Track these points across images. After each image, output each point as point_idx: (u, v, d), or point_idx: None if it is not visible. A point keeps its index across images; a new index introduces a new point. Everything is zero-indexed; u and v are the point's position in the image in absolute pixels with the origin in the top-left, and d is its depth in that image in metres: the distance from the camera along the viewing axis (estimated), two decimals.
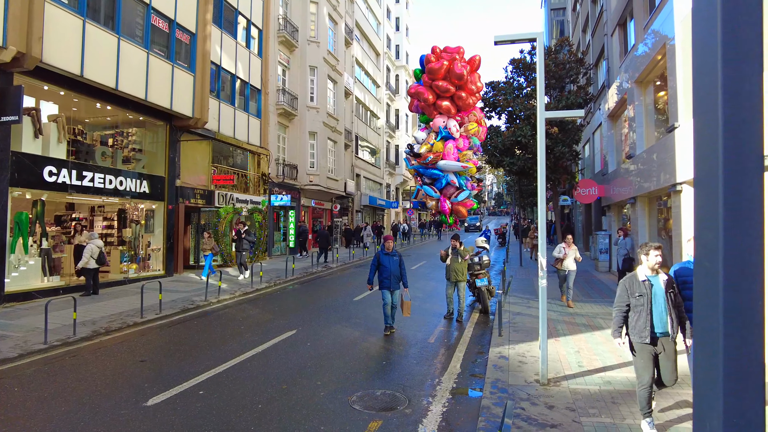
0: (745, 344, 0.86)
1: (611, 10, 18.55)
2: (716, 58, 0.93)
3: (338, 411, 5.48)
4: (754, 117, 0.88)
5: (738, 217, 0.84)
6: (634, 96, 14.46)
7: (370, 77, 39.53)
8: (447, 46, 8.31)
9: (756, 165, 0.86)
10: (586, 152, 25.93)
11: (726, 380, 0.88)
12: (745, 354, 0.84)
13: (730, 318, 0.86)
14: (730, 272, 0.85)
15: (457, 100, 8.39)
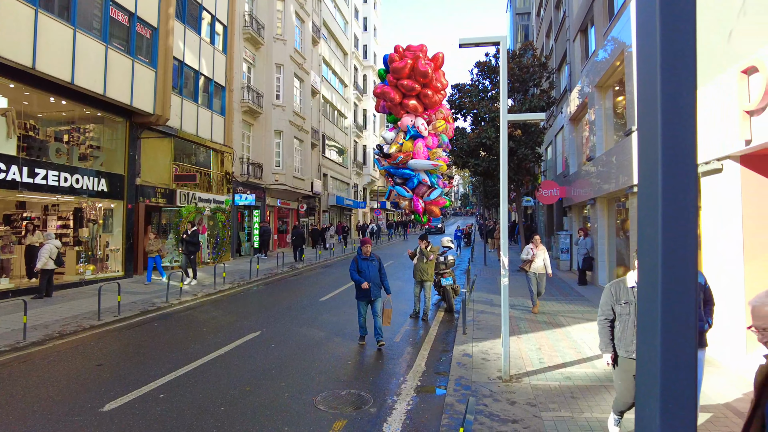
0: (680, 323, 0.94)
1: (573, 17, 19.08)
2: (656, 77, 0.99)
3: (303, 412, 5.43)
4: (689, 128, 0.94)
5: (675, 215, 0.92)
6: (594, 100, 14.91)
7: (337, 76, 39.37)
8: (410, 45, 8.34)
9: (690, 170, 0.93)
10: (548, 154, 26.59)
11: (663, 357, 0.97)
12: (681, 334, 0.91)
13: (667, 301, 0.94)
14: (668, 264, 0.93)
15: (424, 99, 8.42)
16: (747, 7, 6.34)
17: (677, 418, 0.99)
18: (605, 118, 14.56)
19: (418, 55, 8.28)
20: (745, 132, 5.98)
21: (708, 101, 7.05)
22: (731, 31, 6.67)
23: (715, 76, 6.87)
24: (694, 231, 0.91)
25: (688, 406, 0.98)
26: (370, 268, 8.29)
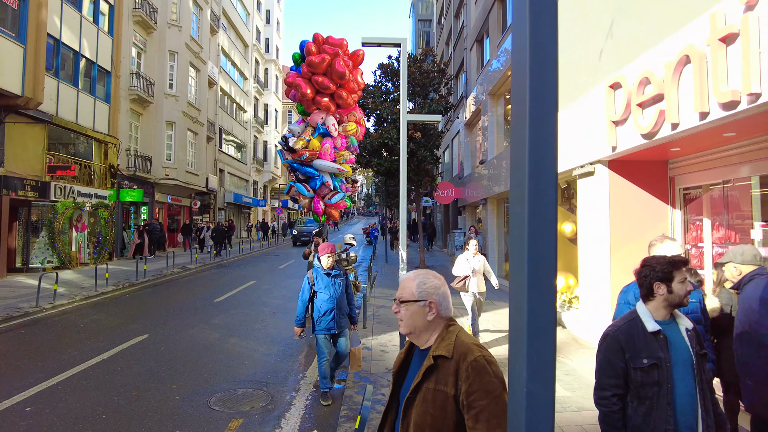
0: (541, 307, 1.09)
1: (471, 27, 20.21)
2: (525, 102, 1.15)
3: (195, 414, 5.16)
4: (550, 147, 1.11)
5: (537, 218, 1.09)
6: (488, 107, 15.93)
7: (237, 69, 37.87)
8: (330, 37, 8.11)
9: (551, 178, 1.10)
10: (446, 157, 27.88)
11: (529, 328, 1.11)
12: (542, 317, 1.05)
13: (532, 283, 1.09)
14: (532, 259, 1.08)
15: (338, 99, 8.34)
16: (614, 30, 7.17)
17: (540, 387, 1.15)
18: (497, 125, 15.60)
19: (338, 53, 8.10)
20: (612, 139, 6.76)
21: (583, 112, 7.86)
22: (601, 50, 7.50)
23: (589, 89, 7.69)
24: (553, 230, 1.08)
25: (549, 379, 1.16)
26: (335, 286, 5.59)
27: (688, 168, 7.11)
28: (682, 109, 5.25)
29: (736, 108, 4.49)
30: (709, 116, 4.84)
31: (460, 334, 1.84)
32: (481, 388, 1.66)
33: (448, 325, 1.89)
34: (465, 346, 1.77)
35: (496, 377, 1.71)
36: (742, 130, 5.45)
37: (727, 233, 6.86)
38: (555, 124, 1.12)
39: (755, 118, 4.74)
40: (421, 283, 1.95)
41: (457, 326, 1.90)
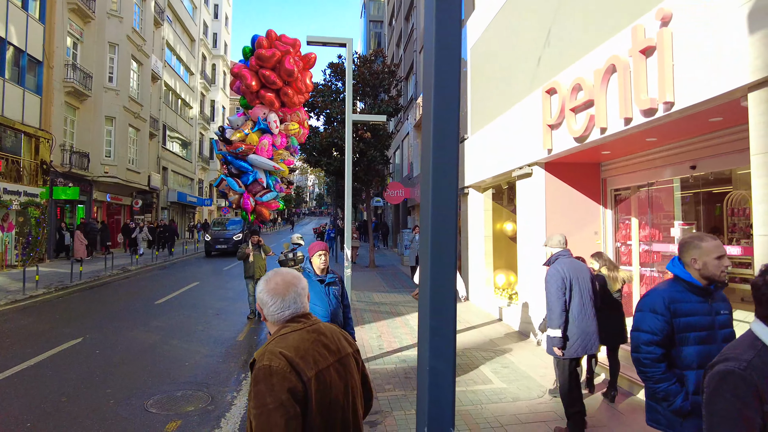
0: (442, 299, 1.23)
1: (420, 30, 20.52)
2: (429, 127, 1.31)
3: (131, 417, 4.99)
4: (451, 164, 1.24)
5: (439, 221, 1.20)
6: None
7: (183, 64, 36.64)
8: (284, 35, 8.00)
9: (451, 189, 1.25)
10: (397, 158, 28.17)
11: (431, 316, 1.23)
12: (442, 306, 1.19)
13: (434, 273, 1.20)
14: (435, 256, 1.22)
15: (283, 96, 8.20)
16: (551, 39, 7.53)
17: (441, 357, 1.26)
18: None
19: (289, 50, 8.00)
20: (548, 142, 7.10)
21: (523, 115, 8.19)
22: (540, 57, 7.85)
23: (528, 95, 8.02)
24: (454, 230, 1.20)
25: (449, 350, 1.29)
26: (328, 297, 4.28)
27: (618, 171, 7.57)
28: (609, 114, 5.60)
29: (654, 115, 4.84)
30: (632, 122, 5.20)
31: (279, 339, 1.72)
32: (254, 397, 1.58)
33: (281, 329, 1.79)
34: (265, 352, 1.67)
35: (270, 389, 1.56)
36: (662, 136, 5.88)
37: (652, 231, 7.35)
38: (455, 148, 1.27)
39: (671, 124, 5.13)
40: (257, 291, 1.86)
41: (289, 329, 1.76)
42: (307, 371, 1.64)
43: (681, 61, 4.49)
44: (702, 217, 7.64)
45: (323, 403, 1.66)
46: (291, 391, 1.57)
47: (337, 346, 1.84)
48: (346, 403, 1.77)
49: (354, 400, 1.83)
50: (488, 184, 11.31)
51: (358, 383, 1.90)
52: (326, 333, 1.85)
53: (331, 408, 1.68)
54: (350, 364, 1.87)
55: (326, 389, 1.68)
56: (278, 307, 1.79)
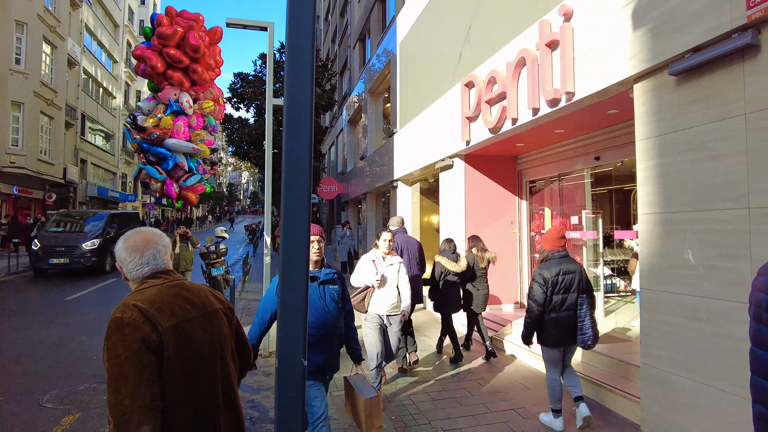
0: (293, 290, 1.26)
1: (354, 25, 20.52)
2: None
3: (20, 413, 4.61)
4: (304, 173, 1.28)
5: (293, 219, 1.28)
6: (368, 104, 16.32)
7: (105, 50, 34.40)
8: (185, 11, 7.69)
9: (304, 185, 1.29)
10: (332, 154, 28.02)
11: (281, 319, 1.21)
12: (293, 301, 1.24)
13: (286, 267, 1.25)
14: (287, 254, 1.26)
15: (192, 74, 7.89)
16: (471, 35, 7.78)
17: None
18: (376, 121, 16.05)
19: (192, 26, 7.70)
20: (466, 134, 7.33)
21: (445, 109, 8.40)
22: (461, 52, 8.10)
23: (449, 89, 8.24)
24: (306, 227, 1.26)
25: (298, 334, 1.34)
26: (324, 300, 3.16)
27: (532, 163, 7.96)
28: (520, 105, 5.87)
29: (558, 105, 5.13)
30: (540, 112, 5.48)
31: (135, 293, 1.69)
32: (107, 349, 1.55)
33: (139, 285, 1.74)
34: (118, 306, 1.63)
35: (123, 340, 1.53)
36: (569, 128, 6.24)
37: (563, 221, 7.79)
38: (309, 157, 1.35)
39: (575, 115, 5.46)
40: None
41: (148, 284, 1.72)
42: (163, 322, 1.62)
43: (580, 54, 4.78)
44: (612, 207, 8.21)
45: (184, 354, 1.65)
46: (144, 340, 1.55)
47: (203, 302, 1.83)
48: (213, 357, 1.77)
49: (223, 355, 1.83)
50: (416, 178, 11.52)
51: (229, 339, 1.91)
52: (190, 289, 1.84)
53: (194, 360, 1.68)
54: (219, 319, 1.87)
55: (187, 341, 1.67)
56: (136, 263, 1.76)
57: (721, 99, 3.33)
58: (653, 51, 3.83)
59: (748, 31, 3.09)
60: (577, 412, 3.98)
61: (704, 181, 3.45)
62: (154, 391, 1.54)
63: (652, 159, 3.94)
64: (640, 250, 4.06)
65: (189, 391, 1.65)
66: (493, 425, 4.25)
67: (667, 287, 3.76)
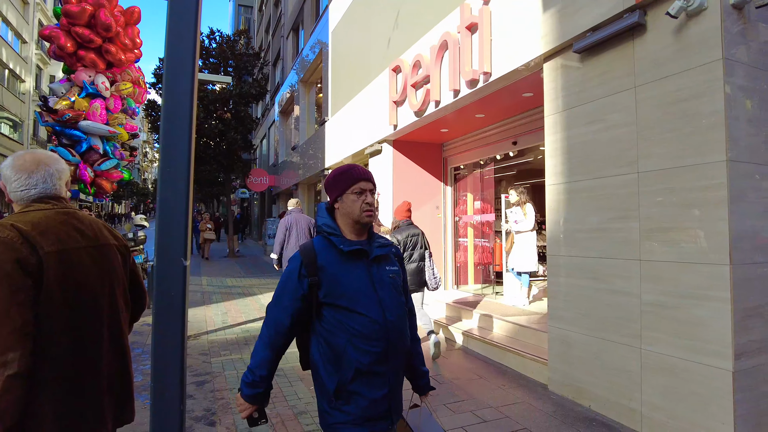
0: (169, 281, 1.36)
1: (288, 15, 20.18)
2: None
3: None
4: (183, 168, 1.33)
5: (168, 212, 1.35)
6: (300, 94, 16.12)
7: (12, 29, 31.53)
8: None
9: (184, 174, 1.35)
10: (264, 146, 27.38)
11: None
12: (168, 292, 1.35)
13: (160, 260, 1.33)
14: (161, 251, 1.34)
15: (106, 54, 7.45)
16: (399, 21, 7.90)
17: None
18: (308, 111, 15.90)
19: (102, 4, 7.27)
20: (394, 118, 7.43)
21: (374, 94, 8.47)
22: (389, 39, 8.20)
23: (379, 75, 8.31)
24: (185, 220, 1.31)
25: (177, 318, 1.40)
26: (380, 291, 1.79)
27: (456, 150, 8.20)
28: (442, 88, 6.03)
29: (477, 86, 5.33)
30: (460, 93, 5.66)
31: (17, 215, 1.60)
32: None
33: (24, 207, 1.64)
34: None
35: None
36: (488, 112, 6.49)
37: (484, 205, 8.10)
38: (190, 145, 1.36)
39: (493, 98, 5.69)
40: None
41: (34, 208, 1.63)
42: (46, 246, 1.52)
43: (497, 36, 5.00)
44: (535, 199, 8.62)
45: (67, 283, 1.56)
46: (20, 262, 1.45)
47: (96, 234, 1.75)
48: (102, 291, 1.70)
49: (112, 291, 1.75)
50: None
51: (121, 278, 1.84)
52: (83, 220, 1.74)
53: (78, 290, 1.60)
54: (112, 255, 1.79)
55: (71, 269, 1.59)
56: (22, 183, 1.64)
57: (615, 74, 3.61)
58: (560, 31, 4.07)
59: (636, 12, 3.37)
60: (430, 343, 5.16)
61: (602, 150, 3.72)
62: (26, 316, 1.44)
63: (558, 132, 4.19)
64: (548, 218, 4.32)
65: (69, 321, 1.56)
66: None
67: (570, 251, 4.02)
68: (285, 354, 1.93)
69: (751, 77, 3.05)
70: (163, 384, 1.40)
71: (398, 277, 1.89)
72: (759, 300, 2.98)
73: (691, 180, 3.06)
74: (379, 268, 1.83)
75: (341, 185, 1.81)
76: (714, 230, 2.93)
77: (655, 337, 3.27)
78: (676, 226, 3.15)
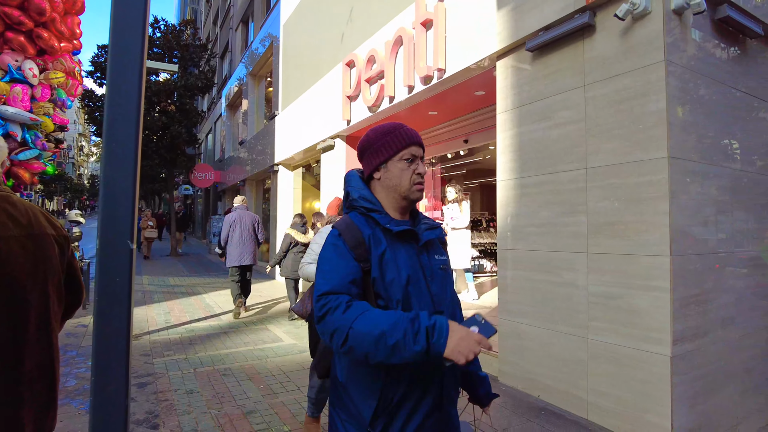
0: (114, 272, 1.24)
1: (237, 7, 19.61)
2: None
3: None
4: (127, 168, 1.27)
5: (113, 190, 1.25)
6: (250, 88, 15.70)
7: None
8: None
9: (131, 157, 1.27)
10: (209, 142, 26.50)
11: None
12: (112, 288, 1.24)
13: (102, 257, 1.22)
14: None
15: (37, 40, 6.93)
16: (353, 16, 7.84)
17: None
18: (257, 105, 15.52)
19: None
20: (347, 113, 7.36)
21: (327, 89, 8.35)
22: (343, 33, 8.12)
23: (332, 69, 8.21)
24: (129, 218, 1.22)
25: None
26: (431, 279, 1.46)
27: None
28: (397, 83, 6.03)
29: (431, 82, 5.36)
30: (414, 90, 5.67)
31: None
32: None
33: None
34: None
35: None
36: (441, 110, 6.55)
37: (435, 203, 8.18)
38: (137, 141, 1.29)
39: (446, 95, 5.74)
40: None
41: None
42: None
43: (452, 33, 5.04)
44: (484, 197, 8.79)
45: None
46: None
47: (30, 222, 1.59)
48: (32, 282, 1.55)
49: (45, 283, 1.60)
50: (297, 162, 11.33)
51: (57, 270, 1.68)
52: (17, 205, 1.58)
53: (4, 279, 1.46)
54: (47, 244, 1.63)
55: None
56: None
57: (566, 72, 3.72)
58: (513, 29, 4.16)
59: (587, 13, 3.49)
60: None
61: (552, 147, 3.83)
62: None
63: (510, 129, 4.28)
64: (499, 213, 4.40)
65: None
66: None
67: (520, 245, 4.11)
68: (231, 352, 1.84)
69: (689, 79, 3.23)
70: (105, 378, 1.28)
71: (449, 269, 1.58)
72: (694, 289, 3.16)
73: (635, 176, 3.19)
74: (428, 256, 1.50)
75: (387, 149, 1.46)
76: (656, 223, 3.07)
77: (601, 327, 3.40)
78: (621, 220, 3.28)
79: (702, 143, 3.28)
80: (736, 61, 3.63)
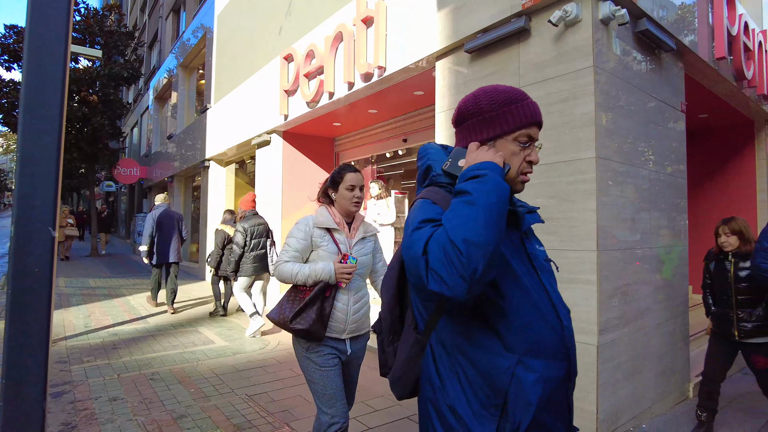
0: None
1: None
2: None
3: None
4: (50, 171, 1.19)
5: (32, 169, 1.18)
6: (180, 80, 14.97)
7: None
8: None
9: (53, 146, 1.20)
10: (135, 136, 25.02)
11: None
12: None
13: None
14: None
15: None
16: (292, 9, 7.69)
17: None
18: (188, 98, 14.84)
19: None
20: (285, 108, 7.20)
21: (264, 83, 8.13)
22: (281, 27, 7.94)
23: (269, 62, 8.00)
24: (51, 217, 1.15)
25: None
26: (540, 273, 1.24)
27: (349, 145, 8.21)
28: (337, 80, 5.97)
29: (371, 80, 5.35)
30: (354, 86, 5.65)
31: None
32: None
33: None
34: None
35: None
36: (381, 108, 6.58)
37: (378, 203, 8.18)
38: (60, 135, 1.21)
39: (386, 94, 5.77)
40: None
41: None
42: None
43: (392, 31, 5.07)
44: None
45: None
46: None
47: None
48: None
49: None
50: (230, 158, 10.95)
51: None
52: None
53: None
54: None
55: None
56: None
57: (503, 74, 3.85)
58: (453, 30, 4.25)
59: (522, 17, 3.63)
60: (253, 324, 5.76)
61: None
62: None
63: (449, 129, 4.36)
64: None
65: None
66: (301, 386, 4.21)
67: None
68: (159, 355, 1.75)
69: (613, 85, 3.44)
70: (18, 386, 1.15)
71: (553, 263, 1.29)
72: (617, 282, 3.37)
73: (568, 174, 3.36)
74: (531, 245, 1.23)
75: (503, 123, 1.17)
76: (584, 220, 3.25)
77: None
78: (555, 216, 3.44)
79: (624, 146, 3.52)
80: (653, 72, 3.92)
